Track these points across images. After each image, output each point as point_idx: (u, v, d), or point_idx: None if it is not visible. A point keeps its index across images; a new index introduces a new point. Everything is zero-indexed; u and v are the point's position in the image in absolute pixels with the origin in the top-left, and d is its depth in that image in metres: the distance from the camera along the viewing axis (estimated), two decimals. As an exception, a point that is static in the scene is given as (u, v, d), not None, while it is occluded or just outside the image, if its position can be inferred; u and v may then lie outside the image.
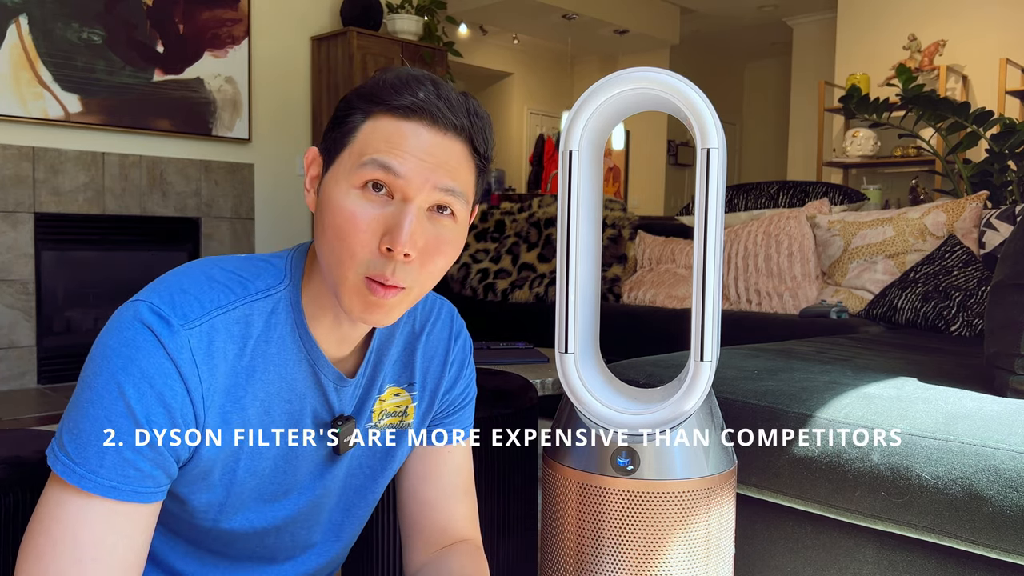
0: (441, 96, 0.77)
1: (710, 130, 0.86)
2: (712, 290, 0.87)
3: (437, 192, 0.76)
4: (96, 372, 0.72)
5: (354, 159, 0.76)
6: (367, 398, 0.90)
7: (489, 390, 1.50)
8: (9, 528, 1.00)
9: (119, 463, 0.71)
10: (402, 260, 0.75)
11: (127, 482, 0.72)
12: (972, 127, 3.70)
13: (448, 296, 3.91)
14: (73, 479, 0.71)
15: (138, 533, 0.74)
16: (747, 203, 3.54)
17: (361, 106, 0.77)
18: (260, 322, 0.79)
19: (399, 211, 0.74)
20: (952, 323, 2.35)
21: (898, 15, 5.81)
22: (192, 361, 0.73)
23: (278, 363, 0.80)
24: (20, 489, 1.01)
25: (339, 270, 0.76)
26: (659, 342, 2.91)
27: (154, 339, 0.72)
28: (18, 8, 3.57)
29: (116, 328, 0.73)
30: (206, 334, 0.74)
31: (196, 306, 0.75)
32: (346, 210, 0.75)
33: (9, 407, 3.31)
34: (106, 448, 0.71)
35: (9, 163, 3.58)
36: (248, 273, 0.80)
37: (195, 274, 0.78)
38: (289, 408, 0.82)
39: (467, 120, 0.78)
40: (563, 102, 9.06)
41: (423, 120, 0.76)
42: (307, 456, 0.86)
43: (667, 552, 0.89)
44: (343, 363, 0.86)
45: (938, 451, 1.04)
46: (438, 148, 0.76)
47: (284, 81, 4.62)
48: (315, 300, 0.82)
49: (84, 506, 0.71)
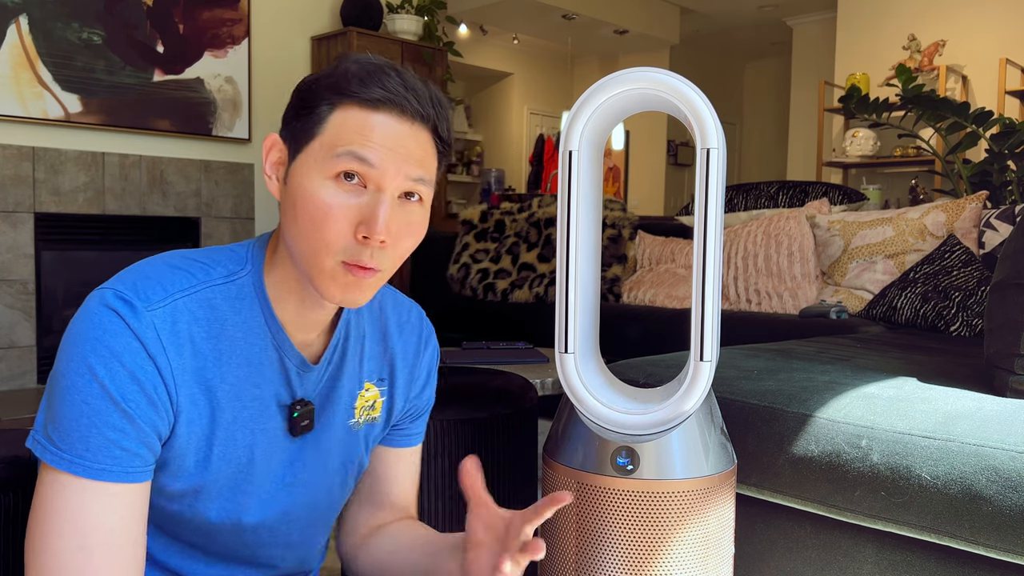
0: (408, 87, 0.80)
1: (710, 130, 0.86)
2: (712, 290, 0.88)
3: (408, 181, 0.80)
4: (68, 358, 0.74)
5: (326, 150, 0.78)
6: (335, 387, 0.91)
7: (489, 390, 1.50)
8: (9, 528, 1.00)
9: (103, 444, 0.73)
10: (378, 246, 0.78)
11: (114, 462, 0.73)
12: (972, 127, 3.70)
13: (448, 296, 3.91)
14: (63, 465, 0.73)
15: (135, 511, 0.76)
16: (747, 203, 3.54)
17: (328, 96, 0.79)
18: (225, 306, 0.81)
19: (373, 200, 0.78)
20: (952, 323, 2.35)
21: (898, 15, 5.81)
22: (158, 340, 0.75)
23: (244, 348, 0.82)
24: (20, 489, 1.01)
25: (314, 258, 0.78)
26: (659, 342, 2.91)
27: (120, 321, 0.74)
28: (18, 8, 3.57)
29: (83, 315, 0.75)
30: (169, 315, 0.77)
31: (159, 289, 0.77)
32: (321, 200, 0.77)
33: (9, 407, 3.31)
34: (88, 431, 0.73)
35: (9, 163, 3.58)
36: (208, 260, 0.83)
37: (157, 263, 0.81)
38: (258, 393, 0.84)
39: (432, 109, 0.81)
40: (563, 102, 9.05)
41: (392, 111, 0.79)
42: (277, 444, 0.87)
43: (667, 552, 0.89)
44: (308, 349, 0.88)
45: (938, 451, 1.04)
46: (407, 138, 0.79)
47: (284, 81, 4.62)
48: (279, 285, 0.84)
49: (79, 491, 0.73)
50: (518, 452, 1.47)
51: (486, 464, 1.41)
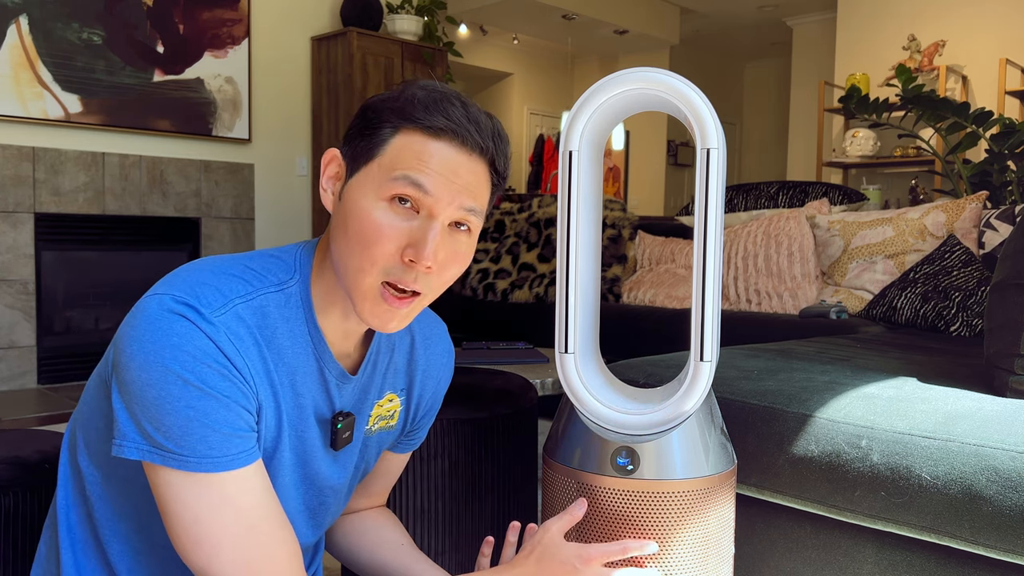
0: (470, 118, 0.81)
1: (710, 130, 0.86)
2: (712, 290, 0.88)
3: (460, 211, 0.80)
4: (146, 368, 0.73)
5: (384, 172, 0.79)
6: (364, 398, 0.93)
7: (489, 390, 1.50)
8: (9, 528, 1.00)
9: (222, 439, 0.75)
10: (423, 271, 0.79)
11: (238, 450, 0.76)
12: (972, 127, 3.70)
13: (448, 296, 3.91)
14: (195, 468, 0.74)
15: (268, 479, 0.79)
16: (747, 203, 3.54)
17: (391, 119, 0.80)
18: (276, 314, 0.82)
19: (424, 226, 0.79)
20: (952, 323, 2.35)
21: (898, 15, 5.81)
22: (230, 342, 0.76)
23: (290, 356, 0.83)
24: (20, 489, 1.01)
25: (358, 275, 0.79)
26: (659, 342, 2.91)
27: (191, 325, 0.74)
28: (18, 8, 3.57)
29: (147, 322, 0.74)
30: (232, 321, 0.77)
31: (217, 295, 0.77)
32: (373, 220, 0.78)
33: (9, 407, 3.31)
34: (204, 431, 0.74)
35: (9, 163, 3.58)
36: (259, 266, 0.83)
37: (206, 268, 0.80)
38: (299, 401, 0.85)
39: (491, 142, 0.82)
40: (563, 102, 9.06)
41: (452, 140, 0.80)
42: (316, 451, 0.88)
43: (667, 552, 0.89)
44: (345, 360, 0.89)
45: (938, 451, 1.04)
46: (464, 168, 0.80)
47: (284, 81, 4.62)
48: (324, 295, 0.85)
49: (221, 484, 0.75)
50: (518, 452, 1.47)
51: (486, 464, 1.41)
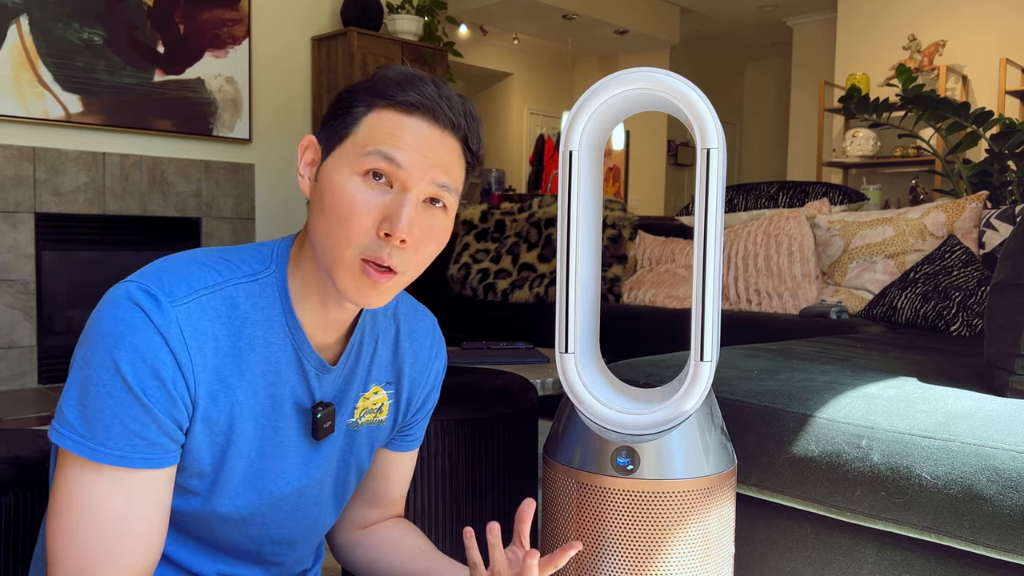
0: (442, 95, 0.82)
1: (710, 130, 0.86)
2: (712, 290, 0.88)
3: (433, 186, 0.81)
4: (92, 350, 0.75)
5: (357, 148, 0.80)
6: (347, 389, 0.92)
7: (489, 390, 1.50)
8: (9, 528, 1.00)
9: (125, 434, 0.75)
10: (398, 245, 0.79)
11: (135, 451, 0.75)
12: (972, 127, 3.70)
13: (448, 296, 3.91)
14: (85, 452, 0.74)
15: (155, 498, 0.78)
16: (747, 203, 3.54)
17: (364, 99, 0.82)
18: (247, 304, 0.82)
19: (398, 199, 0.80)
20: (952, 323, 2.35)
21: (898, 15, 5.81)
22: (180, 336, 0.76)
23: (263, 346, 0.83)
24: (20, 489, 1.01)
25: (336, 251, 0.80)
26: (659, 342, 2.91)
27: (144, 316, 0.75)
28: (18, 8, 3.57)
29: (108, 307, 0.76)
30: (194, 312, 0.78)
31: (183, 285, 0.78)
32: (348, 194, 0.79)
33: (9, 407, 3.31)
34: (111, 421, 0.74)
35: (9, 163, 3.58)
36: (234, 257, 0.84)
37: (183, 258, 0.82)
38: (274, 392, 0.85)
39: (464, 120, 0.83)
40: (563, 102, 9.05)
41: (424, 116, 0.81)
42: (291, 442, 0.88)
43: (667, 552, 0.89)
44: (326, 351, 0.89)
45: (938, 451, 1.04)
46: (437, 144, 0.81)
47: (284, 81, 4.62)
48: (302, 285, 0.85)
49: (100, 478, 0.75)
50: (518, 452, 1.47)
51: (486, 464, 1.42)
